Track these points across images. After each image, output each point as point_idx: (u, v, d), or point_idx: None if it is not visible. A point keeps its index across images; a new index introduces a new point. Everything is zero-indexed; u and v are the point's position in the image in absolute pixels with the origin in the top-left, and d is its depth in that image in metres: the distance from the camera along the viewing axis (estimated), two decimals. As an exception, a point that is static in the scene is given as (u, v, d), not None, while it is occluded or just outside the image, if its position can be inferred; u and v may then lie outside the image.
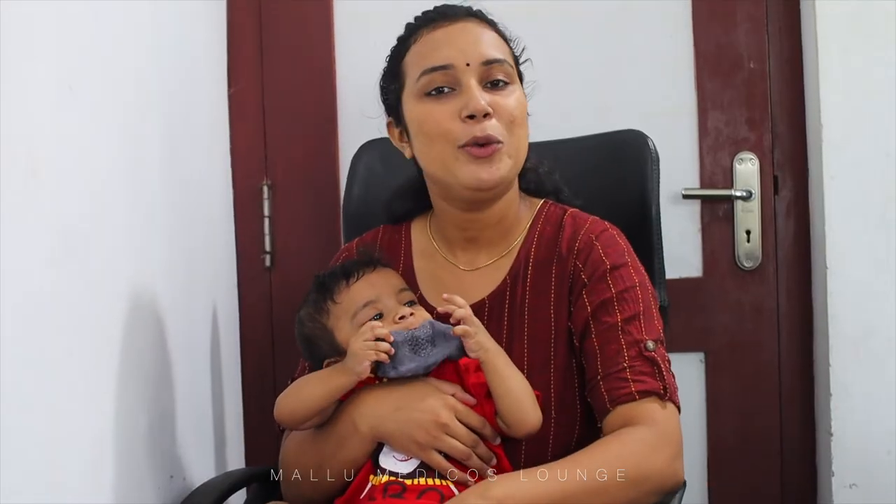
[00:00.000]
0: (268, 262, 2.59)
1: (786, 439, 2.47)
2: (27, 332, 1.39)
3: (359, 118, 1.89)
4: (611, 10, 2.50)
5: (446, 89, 1.73)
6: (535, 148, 1.94)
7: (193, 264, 2.19)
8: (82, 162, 1.59)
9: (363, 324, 1.68)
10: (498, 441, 1.69)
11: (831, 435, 2.33)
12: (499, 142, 1.72)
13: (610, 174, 2.10)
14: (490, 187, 1.75)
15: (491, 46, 1.76)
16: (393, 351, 1.63)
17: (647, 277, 1.79)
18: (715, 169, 2.48)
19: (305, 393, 1.70)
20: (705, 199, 2.49)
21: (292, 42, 2.57)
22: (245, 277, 2.59)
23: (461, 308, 1.65)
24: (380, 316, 1.70)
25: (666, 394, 1.68)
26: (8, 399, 1.32)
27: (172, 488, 1.95)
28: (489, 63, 1.74)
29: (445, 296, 1.67)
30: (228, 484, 1.91)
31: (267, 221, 2.59)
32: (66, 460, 1.50)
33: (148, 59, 1.96)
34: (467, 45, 1.74)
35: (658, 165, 2.06)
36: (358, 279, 1.74)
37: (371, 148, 2.23)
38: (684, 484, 1.91)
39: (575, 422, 1.76)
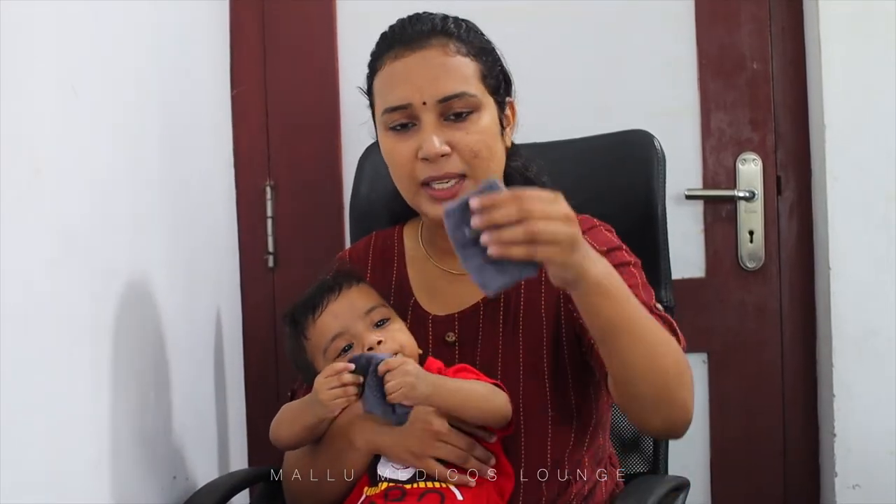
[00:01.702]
0: (271, 263, 2.59)
1: (789, 440, 2.47)
2: (29, 333, 1.39)
3: (361, 119, 1.89)
4: (613, 10, 2.50)
5: (408, 124, 1.73)
6: (540, 148, 1.94)
7: (196, 265, 2.20)
8: (84, 162, 1.60)
9: (334, 358, 1.70)
10: (493, 439, 1.69)
11: (834, 435, 2.33)
12: (460, 176, 1.72)
13: (616, 174, 2.10)
14: None
15: (451, 78, 1.72)
16: (357, 391, 1.60)
17: (640, 266, 1.79)
18: (718, 169, 2.48)
19: (286, 428, 1.72)
20: (708, 200, 2.49)
21: (295, 43, 2.58)
22: (248, 278, 2.59)
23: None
24: (350, 347, 1.70)
25: (680, 344, 1.66)
26: (10, 400, 1.32)
27: (175, 489, 1.95)
28: (446, 100, 1.71)
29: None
30: (231, 484, 1.91)
31: (270, 222, 2.59)
32: (68, 461, 1.50)
33: (150, 60, 1.96)
34: (424, 82, 1.71)
35: (664, 166, 2.05)
36: (322, 312, 1.73)
37: (379, 148, 2.22)
38: (688, 484, 1.92)
39: (572, 418, 1.76)
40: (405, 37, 1.75)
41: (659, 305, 1.72)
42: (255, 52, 2.58)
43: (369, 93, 1.82)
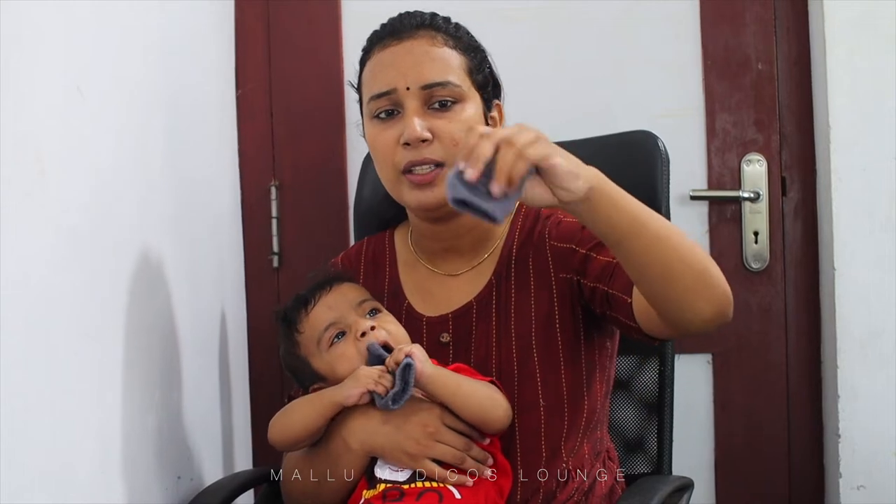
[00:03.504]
0: (275, 263, 2.59)
1: (793, 440, 2.47)
2: (33, 333, 1.39)
3: (365, 119, 1.91)
4: (618, 11, 2.50)
5: (393, 111, 1.76)
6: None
7: (201, 265, 2.20)
8: (89, 162, 1.60)
9: (328, 347, 1.72)
10: (488, 441, 1.70)
11: (839, 436, 2.33)
12: (439, 164, 1.74)
13: (620, 175, 2.07)
14: (435, 209, 1.78)
15: (435, 68, 1.75)
16: (392, 387, 1.64)
17: None
18: (723, 170, 2.47)
19: (297, 415, 1.73)
20: (713, 201, 2.49)
21: (300, 43, 2.58)
22: (253, 278, 2.59)
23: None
24: (342, 335, 1.72)
25: None
26: (15, 400, 1.32)
27: (180, 489, 1.95)
28: (429, 87, 1.74)
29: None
30: (236, 484, 1.92)
31: (275, 222, 2.59)
32: (73, 461, 1.51)
33: (155, 60, 1.96)
34: (409, 69, 1.75)
35: (668, 166, 2.05)
36: (315, 304, 1.76)
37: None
38: (692, 484, 1.92)
39: (563, 403, 1.77)
40: (394, 29, 1.79)
41: None
42: (260, 53, 2.58)
43: (359, 87, 1.85)
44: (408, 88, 1.74)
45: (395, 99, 1.75)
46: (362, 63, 1.83)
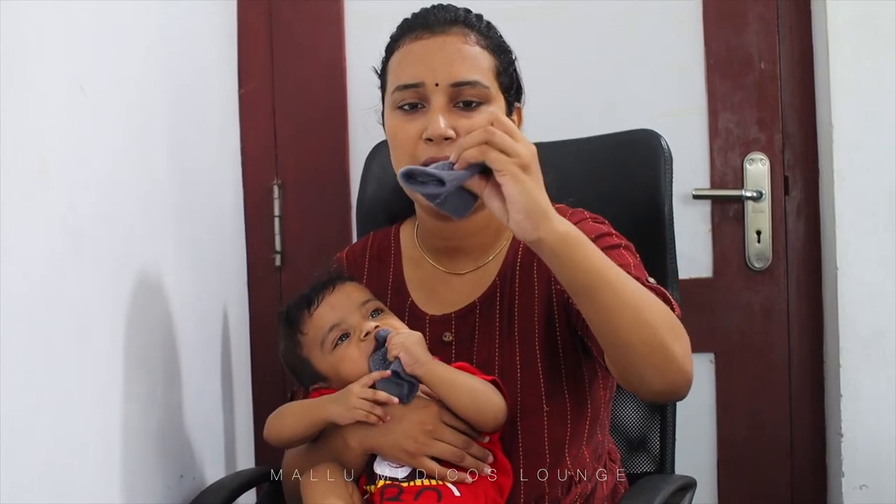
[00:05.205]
0: (278, 262, 2.59)
1: (795, 440, 2.47)
2: (36, 332, 1.39)
3: (369, 118, 1.90)
4: (621, 10, 2.50)
5: (418, 105, 1.74)
6: (546, 148, 1.93)
7: (203, 264, 2.20)
8: (92, 161, 1.60)
9: (332, 348, 1.71)
10: (487, 438, 1.70)
11: (841, 436, 2.33)
12: None
13: (623, 174, 2.10)
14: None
15: (466, 66, 1.74)
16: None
17: (634, 250, 1.78)
18: (725, 169, 2.47)
19: (289, 421, 1.73)
20: (716, 200, 2.49)
21: (303, 42, 2.58)
22: (255, 277, 2.60)
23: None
24: (346, 336, 1.71)
25: (674, 311, 1.64)
26: (18, 398, 1.33)
27: (182, 488, 1.95)
28: (459, 85, 1.72)
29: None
30: (238, 483, 1.92)
31: (277, 221, 2.59)
32: (76, 459, 1.51)
33: (158, 58, 1.96)
34: (440, 65, 1.73)
35: (671, 165, 2.05)
36: (318, 305, 1.75)
37: (386, 147, 2.23)
38: (695, 483, 1.91)
39: (566, 411, 1.76)
40: (427, 21, 1.77)
41: (652, 280, 1.70)
42: (262, 51, 2.58)
43: (383, 73, 1.83)
44: (436, 84, 1.72)
45: (421, 93, 1.73)
46: (389, 50, 1.81)
